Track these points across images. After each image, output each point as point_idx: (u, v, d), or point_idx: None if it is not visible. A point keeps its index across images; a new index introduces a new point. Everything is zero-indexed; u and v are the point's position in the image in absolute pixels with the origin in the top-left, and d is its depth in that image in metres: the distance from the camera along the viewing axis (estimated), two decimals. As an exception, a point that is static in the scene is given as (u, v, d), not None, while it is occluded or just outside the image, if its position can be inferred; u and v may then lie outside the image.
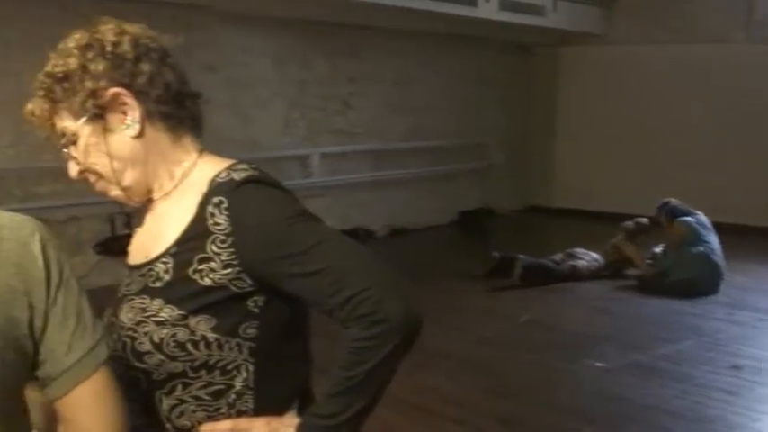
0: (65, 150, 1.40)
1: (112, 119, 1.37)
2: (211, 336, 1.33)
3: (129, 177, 1.41)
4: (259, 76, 7.92)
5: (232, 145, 1.31)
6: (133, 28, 1.40)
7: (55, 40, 1.40)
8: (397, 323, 1.27)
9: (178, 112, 1.41)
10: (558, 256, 7.45)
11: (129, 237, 5.39)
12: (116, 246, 6.48)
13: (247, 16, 7.54)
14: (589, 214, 10.31)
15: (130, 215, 6.54)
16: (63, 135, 1.39)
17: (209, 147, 1.48)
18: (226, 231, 1.31)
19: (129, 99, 1.36)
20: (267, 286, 1.34)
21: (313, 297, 1.32)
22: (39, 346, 1.08)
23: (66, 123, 1.38)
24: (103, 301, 1.45)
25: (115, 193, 1.43)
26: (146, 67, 1.37)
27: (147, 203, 1.48)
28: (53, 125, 1.40)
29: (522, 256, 7.25)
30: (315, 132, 8.68)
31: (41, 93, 1.38)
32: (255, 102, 7.84)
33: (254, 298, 1.34)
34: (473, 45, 10.06)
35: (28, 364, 1.08)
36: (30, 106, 1.40)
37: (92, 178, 1.43)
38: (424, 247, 8.97)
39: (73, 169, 1.43)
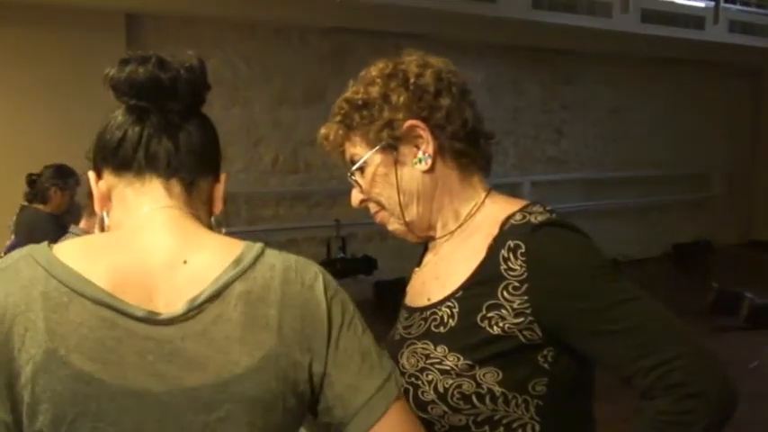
0: (352, 178, 1.38)
1: (405, 151, 1.33)
2: (498, 390, 1.23)
3: (412, 212, 1.36)
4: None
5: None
6: (436, 61, 1.36)
7: (285, 71, 1.39)
8: (713, 399, 1.13)
9: (471, 150, 1.35)
10: (790, 298, 6.85)
11: (343, 261, 5.44)
12: (330, 269, 6.64)
13: (463, 43, 7.55)
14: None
15: (345, 239, 6.71)
16: (352, 162, 1.37)
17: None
18: (521, 278, 1.21)
19: (425, 133, 1.32)
20: (558, 340, 1.23)
21: (611, 359, 1.19)
22: (320, 392, 1.05)
23: (358, 150, 1.36)
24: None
25: (395, 226, 1.39)
26: (445, 101, 1.32)
27: (426, 241, 1.42)
28: (343, 151, 1.39)
29: (749, 294, 6.70)
30: (526, 160, 8.54)
31: (338, 118, 1.36)
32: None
33: (544, 352, 1.24)
34: (693, 69, 9.53)
35: (303, 410, 1.06)
36: (324, 130, 1.39)
37: (373, 208, 1.40)
38: (637, 280, 8.50)
39: (355, 197, 1.40)
